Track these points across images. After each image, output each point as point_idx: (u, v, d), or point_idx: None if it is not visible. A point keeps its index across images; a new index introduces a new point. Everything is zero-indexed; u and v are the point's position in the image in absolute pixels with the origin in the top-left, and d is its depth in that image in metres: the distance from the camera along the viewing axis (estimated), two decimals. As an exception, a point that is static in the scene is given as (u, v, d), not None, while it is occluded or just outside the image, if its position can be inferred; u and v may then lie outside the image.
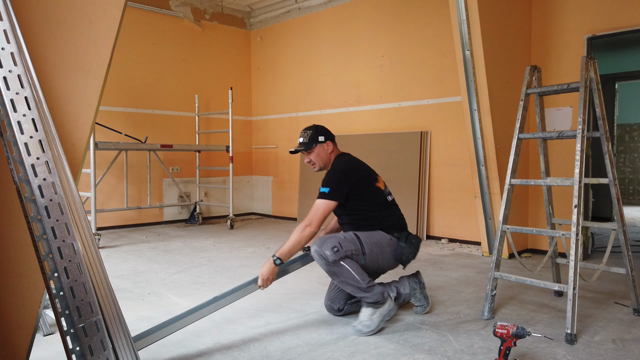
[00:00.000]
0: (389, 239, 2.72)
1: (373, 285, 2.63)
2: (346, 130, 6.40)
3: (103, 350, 1.55)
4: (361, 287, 2.58)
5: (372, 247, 2.65)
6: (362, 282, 2.58)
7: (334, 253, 2.53)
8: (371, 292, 2.60)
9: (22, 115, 1.53)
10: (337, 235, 2.64)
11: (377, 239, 2.68)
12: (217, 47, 7.35)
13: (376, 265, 2.71)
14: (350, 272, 2.56)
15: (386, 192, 2.84)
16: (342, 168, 2.76)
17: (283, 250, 2.59)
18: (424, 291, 2.89)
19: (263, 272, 2.57)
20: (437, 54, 5.39)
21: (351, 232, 2.68)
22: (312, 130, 2.85)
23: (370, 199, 2.75)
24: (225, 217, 7.09)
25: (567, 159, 4.40)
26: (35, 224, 1.52)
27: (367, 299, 2.62)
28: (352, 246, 2.59)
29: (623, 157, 9.18)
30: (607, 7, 4.26)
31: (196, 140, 7.06)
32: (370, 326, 2.58)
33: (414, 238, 2.76)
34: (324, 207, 2.62)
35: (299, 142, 2.86)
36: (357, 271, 2.58)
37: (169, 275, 3.87)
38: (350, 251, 2.58)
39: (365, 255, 2.63)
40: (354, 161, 2.86)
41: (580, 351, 2.37)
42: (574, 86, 2.85)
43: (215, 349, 2.40)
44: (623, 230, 2.93)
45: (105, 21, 1.81)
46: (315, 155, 2.83)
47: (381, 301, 2.63)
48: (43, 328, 2.58)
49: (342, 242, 2.58)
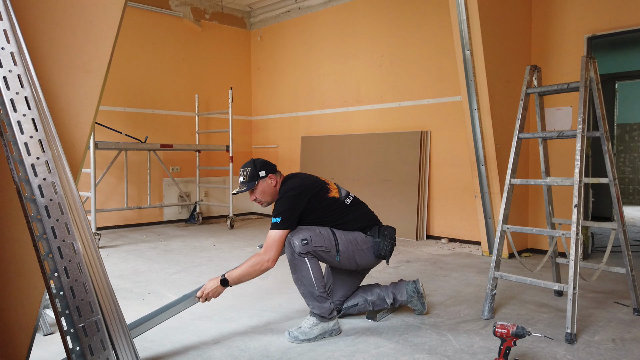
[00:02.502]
0: (364, 236, 2.66)
1: (325, 298, 2.53)
2: (346, 130, 6.40)
3: (103, 350, 1.55)
4: (313, 293, 2.51)
5: (348, 244, 2.60)
6: (316, 289, 2.50)
7: (302, 245, 2.47)
8: (320, 303, 2.52)
9: (22, 115, 1.53)
10: (314, 228, 2.56)
11: (352, 237, 2.63)
12: (217, 46, 7.35)
13: (354, 263, 2.65)
14: (309, 272, 2.49)
15: (342, 197, 2.71)
16: (291, 194, 2.58)
17: (233, 274, 2.48)
18: (421, 299, 2.84)
19: (206, 287, 2.48)
20: (437, 54, 5.39)
21: (329, 228, 2.61)
22: (251, 166, 2.65)
23: (328, 211, 2.63)
24: (225, 216, 7.09)
25: (567, 159, 4.40)
26: (35, 223, 1.52)
27: (313, 309, 2.53)
28: (324, 242, 2.53)
29: (623, 156, 9.18)
30: (607, 7, 4.26)
31: (196, 140, 7.06)
32: (308, 335, 2.49)
33: (387, 229, 2.70)
34: (279, 238, 2.50)
35: (240, 182, 2.69)
36: (317, 276, 2.51)
37: (169, 275, 3.87)
38: (319, 248, 2.51)
39: (340, 252, 2.57)
40: (301, 183, 2.66)
41: (580, 351, 2.37)
42: (574, 86, 2.85)
43: (215, 349, 2.40)
44: (623, 230, 2.93)
45: (105, 21, 1.81)
46: (260, 192, 2.66)
47: (327, 317, 2.53)
48: (43, 328, 2.58)
49: (314, 236, 2.51)
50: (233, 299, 3.21)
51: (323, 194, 2.65)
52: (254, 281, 3.65)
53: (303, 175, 2.77)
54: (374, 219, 2.79)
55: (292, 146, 7.19)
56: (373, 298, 2.81)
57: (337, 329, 2.59)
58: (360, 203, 2.81)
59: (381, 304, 2.81)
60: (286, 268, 4.07)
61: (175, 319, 2.82)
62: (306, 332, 2.50)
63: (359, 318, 2.84)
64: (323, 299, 2.53)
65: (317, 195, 2.63)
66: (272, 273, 3.91)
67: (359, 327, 2.71)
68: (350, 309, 2.83)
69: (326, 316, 2.53)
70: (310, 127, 6.92)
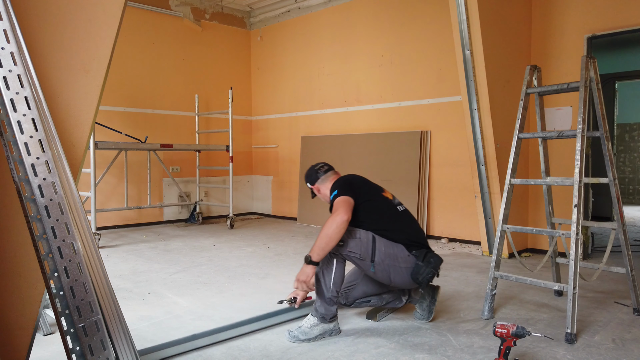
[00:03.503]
0: (407, 255, 2.53)
1: (334, 302, 2.50)
2: (346, 130, 6.40)
3: (103, 350, 1.55)
4: (325, 294, 2.48)
5: (385, 257, 2.50)
6: (329, 291, 2.48)
7: (337, 246, 2.44)
8: (328, 304, 2.50)
9: (22, 115, 1.53)
10: (356, 230, 2.51)
11: (393, 251, 2.52)
12: (217, 46, 7.35)
13: (387, 278, 2.54)
14: (331, 273, 2.47)
15: (395, 202, 2.72)
16: (341, 178, 2.75)
17: (313, 248, 2.42)
18: (432, 306, 2.75)
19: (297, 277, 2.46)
20: (437, 54, 5.39)
21: (371, 233, 2.54)
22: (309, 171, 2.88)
23: (379, 206, 2.63)
24: (225, 216, 7.09)
25: (567, 159, 4.40)
26: (35, 223, 1.52)
27: (319, 308, 2.51)
28: (360, 250, 2.47)
29: (623, 156, 9.18)
30: (607, 7, 4.26)
31: (196, 140, 7.06)
32: (308, 335, 2.49)
33: (433, 257, 2.55)
34: (342, 199, 2.49)
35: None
36: (336, 280, 2.47)
37: (169, 274, 3.87)
38: (353, 254, 2.47)
39: (375, 263, 2.49)
40: (351, 175, 2.81)
41: (580, 351, 2.37)
42: (574, 86, 2.85)
43: (215, 349, 2.40)
44: (623, 230, 2.93)
45: (105, 21, 1.81)
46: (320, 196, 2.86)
47: (328, 320, 2.52)
48: (43, 328, 2.58)
49: (351, 240, 2.47)
50: (233, 299, 3.21)
51: (377, 189, 2.73)
52: (254, 281, 3.66)
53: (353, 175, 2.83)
54: (422, 238, 2.67)
55: (292, 146, 7.19)
56: (388, 296, 2.77)
57: (337, 330, 2.58)
58: (412, 217, 2.74)
59: (394, 301, 2.78)
60: (285, 268, 4.09)
61: (175, 318, 2.83)
62: (306, 332, 2.50)
63: (359, 318, 2.84)
64: (332, 302, 2.50)
65: (370, 185, 2.73)
66: (272, 273, 3.92)
67: (359, 327, 2.71)
68: (362, 303, 2.77)
69: (328, 319, 2.52)
70: (310, 127, 6.92)
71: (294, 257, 4.55)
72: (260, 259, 4.44)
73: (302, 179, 6.79)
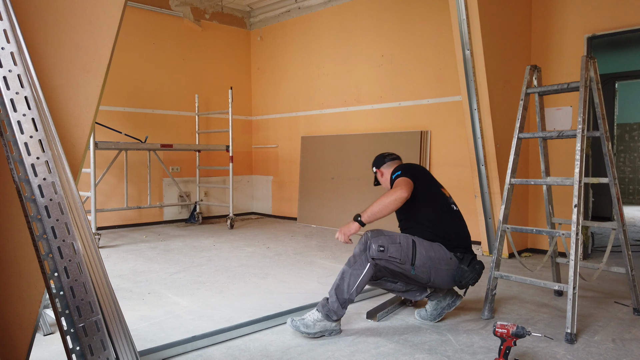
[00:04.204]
0: (449, 257, 2.57)
1: (345, 304, 2.52)
2: (346, 129, 6.40)
3: (103, 350, 1.55)
4: (344, 294, 2.49)
5: (426, 260, 2.52)
6: (349, 293, 2.49)
7: (378, 251, 2.45)
8: (340, 304, 2.51)
9: (22, 115, 1.53)
10: (396, 235, 2.53)
11: (434, 254, 2.54)
12: (217, 46, 7.35)
13: (427, 279, 2.56)
14: (359, 277, 2.48)
15: (451, 200, 2.77)
16: (406, 164, 2.84)
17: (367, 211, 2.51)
18: (446, 310, 2.74)
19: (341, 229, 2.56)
20: (437, 54, 5.39)
21: (411, 237, 2.56)
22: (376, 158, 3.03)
23: (435, 201, 2.69)
24: (225, 216, 7.09)
25: (567, 159, 4.40)
26: (35, 223, 1.52)
27: (329, 304, 2.51)
28: (400, 255, 2.47)
29: (623, 156, 9.18)
30: (607, 7, 4.26)
31: (196, 140, 7.06)
32: (309, 329, 2.50)
33: (478, 263, 2.60)
34: (404, 180, 2.57)
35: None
36: (360, 285, 2.49)
37: (169, 274, 3.88)
38: (394, 259, 2.47)
39: (415, 266, 2.50)
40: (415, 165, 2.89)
41: (580, 351, 2.37)
42: (574, 86, 2.85)
43: (215, 349, 2.40)
44: (623, 230, 2.93)
45: (105, 21, 1.81)
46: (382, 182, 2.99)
47: (332, 319, 2.52)
48: (43, 328, 2.58)
49: (392, 246, 2.47)
50: (233, 299, 3.21)
51: (436, 183, 2.80)
52: (254, 281, 3.66)
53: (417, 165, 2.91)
54: (468, 241, 2.71)
55: (292, 146, 7.19)
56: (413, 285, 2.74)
57: (337, 330, 2.59)
58: (463, 219, 2.77)
59: (416, 291, 2.77)
60: (285, 268, 4.09)
61: (175, 318, 2.83)
62: (308, 325, 2.51)
63: (359, 318, 2.84)
64: (346, 304, 2.52)
65: (431, 177, 2.80)
66: (272, 273, 3.92)
67: (359, 327, 2.71)
68: (388, 282, 2.77)
69: (332, 319, 2.53)
70: (310, 127, 6.92)
71: (294, 257, 4.56)
72: (260, 259, 4.44)
73: (302, 179, 6.79)
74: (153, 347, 2.31)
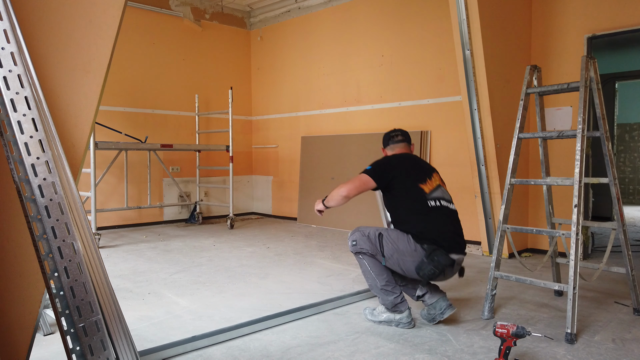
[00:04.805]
0: (414, 249, 2.59)
1: (389, 291, 2.65)
2: (346, 130, 6.40)
3: (103, 350, 1.55)
4: (377, 285, 2.67)
5: (393, 252, 2.61)
6: (378, 282, 2.66)
7: (352, 246, 2.70)
8: (384, 295, 2.66)
9: (22, 115, 1.53)
10: (365, 229, 2.71)
11: (400, 246, 2.60)
12: (217, 46, 7.35)
13: (399, 269, 2.66)
14: (367, 268, 2.67)
15: (430, 195, 2.69)
16: (387, 158, 2.91)
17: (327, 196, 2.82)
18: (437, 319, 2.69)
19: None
20: (437, 54, 5.38)
21: (381, 229, 2.71)
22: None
23: (407, 197, 2.70)
24: (225, 216, 7.09)
25: (567, 159, 4.40)
26: (35, 223, 1.52)
27: (379, 300, 2.72)
28: (369, 245, 2.65)
29: (623, 156, 9.18)
30: (607, 7, 4.26)
31: (196, 140, 7.06)
32: (374, 318, 2.73)
33: (439, 255, 2.53)
34: (359, 177, 2.76)
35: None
36: (375, 270, 2.66)
37: (169, 274, 3.88)
38: (366, 250, 2.65)
39: (385, 257, 2.64)
40: (403, 156, 2.91)
41: (580, 351, 2.37)
42: (574, 86, 2.85)
43: (215, 349, 2.40)
44: (623, 230, 2.93)
45: (105, 21, 1.81)
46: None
47: (390, 309, 2.67)
48: (43, 328, 2.58)
49: (361, 238, 2.67)
50: (233, 299, 3.21)
51: (415, 180, 2.74)
52: (254, 281, 3.66)
53: (406, 156, 2.92)
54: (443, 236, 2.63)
55: (292, 146, 7.19)
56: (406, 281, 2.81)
57: (405, 323, 2.65)
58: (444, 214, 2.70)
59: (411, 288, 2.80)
60: (285, 268, 4.09)
61: (175, 318, 2.83)
62: (375, 315, 2.74)
63: (359, 318, 2.85)
64: (387, 291, 2.66)
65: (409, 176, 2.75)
66: (272, 273, 3.92)
67: (359, 327, 2.71)
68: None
69: (389, 308, 2.66)
70: (310, 127, 6.92)
71: (294, 257, 4.56)
72: (260, 259, 4.44)
73: (302, 179, 6.79)
74: (153, 347, 2.31)
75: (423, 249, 2.58)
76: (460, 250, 2.68)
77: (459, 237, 2.73)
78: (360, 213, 5.98)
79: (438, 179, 2.84)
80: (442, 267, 2.54)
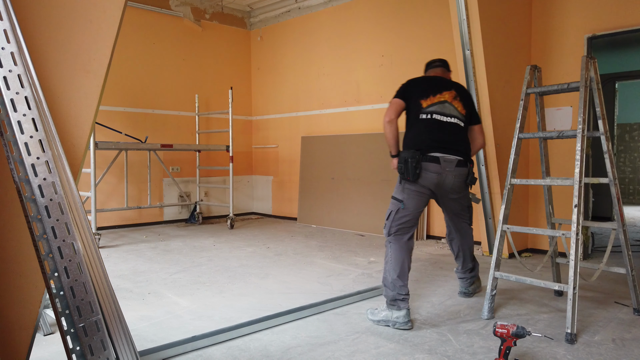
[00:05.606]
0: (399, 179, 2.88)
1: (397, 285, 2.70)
2: (346, 129, 6.40)
3: (103, 350, 1.55)
4: (387, 278, 2.75)
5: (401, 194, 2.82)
6: (390, 275, 2.73)
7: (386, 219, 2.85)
8: (390, 289, 2.72)
9: (22, 115, 1.53)
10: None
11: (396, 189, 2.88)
12: (217, 46, 7.35)
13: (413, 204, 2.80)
14: (389, 257, 2.77)
15: (425, 110, 2.89)
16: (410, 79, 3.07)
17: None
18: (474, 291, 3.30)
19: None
20: (437, 54, 5.38)
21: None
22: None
23: (409, 114, 2.93)
24: (225, 216, 7.09)
25: (567, 159, 4.40)
26: (35, 223, 1.52)
27: (384, 293, 2.78)
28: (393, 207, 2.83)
29: (623, 156, 9.18)
30: (607, 7, 4.26)
31: (196, 140, 7.06)
32: (373, 317, 2.75)
33: (405, 153, 2.80)
34: (392, 102, 2.93)
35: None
36: (394, 264, 2.73)
37: (169, 274, 3.88)
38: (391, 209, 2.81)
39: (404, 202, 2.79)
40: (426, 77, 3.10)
41: (580, 351, 2.37)
42: (574, 86, 2.85)
43: (215, 349, 2.40)
44: (623, 230, 2.93)
45: (105, 21, 1.81)
46: None
47: (388, 303, 2.71)
48: (43, 328, 2.58)
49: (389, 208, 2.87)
50: (233, 299, 3.21)
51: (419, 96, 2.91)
52: (254, 281, 3.66)
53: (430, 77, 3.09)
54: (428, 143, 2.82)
55: (292, 146, 7.19)
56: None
57: (401, 322, 2.66)
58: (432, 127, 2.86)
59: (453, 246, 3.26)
60: (285, 268, 4.09)
61: (175, 318, 2.83)
62: (374, 313, 2.76)
63: (359, 318, 2.85)
64: (393, 286, 2.72)
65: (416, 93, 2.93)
66: (272, 273, 3.92)
67: (359, 327, 2.71)
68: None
69: (388, 302, 2.71)
70: (310, 127, 6.92)
71: (294, 257, 4.56)
72: (260, 259, 4.44)
73: (302, 179, 6.79)
74: (153, 347, 2.31)
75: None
76: (446, 151, 2.80)
77: (446, 143, 2.84)
78: (361, 213, 5.98)
79: (449, 96, 2.94)
80: (404, 160, 2.76)
